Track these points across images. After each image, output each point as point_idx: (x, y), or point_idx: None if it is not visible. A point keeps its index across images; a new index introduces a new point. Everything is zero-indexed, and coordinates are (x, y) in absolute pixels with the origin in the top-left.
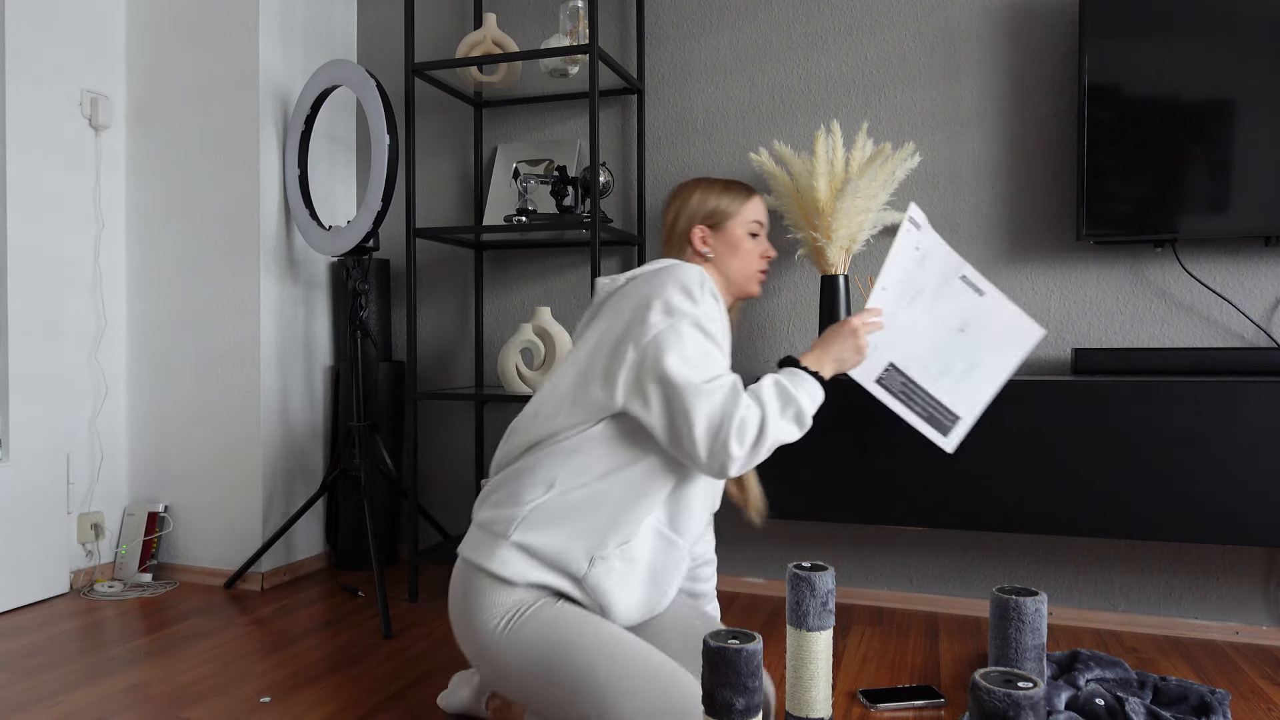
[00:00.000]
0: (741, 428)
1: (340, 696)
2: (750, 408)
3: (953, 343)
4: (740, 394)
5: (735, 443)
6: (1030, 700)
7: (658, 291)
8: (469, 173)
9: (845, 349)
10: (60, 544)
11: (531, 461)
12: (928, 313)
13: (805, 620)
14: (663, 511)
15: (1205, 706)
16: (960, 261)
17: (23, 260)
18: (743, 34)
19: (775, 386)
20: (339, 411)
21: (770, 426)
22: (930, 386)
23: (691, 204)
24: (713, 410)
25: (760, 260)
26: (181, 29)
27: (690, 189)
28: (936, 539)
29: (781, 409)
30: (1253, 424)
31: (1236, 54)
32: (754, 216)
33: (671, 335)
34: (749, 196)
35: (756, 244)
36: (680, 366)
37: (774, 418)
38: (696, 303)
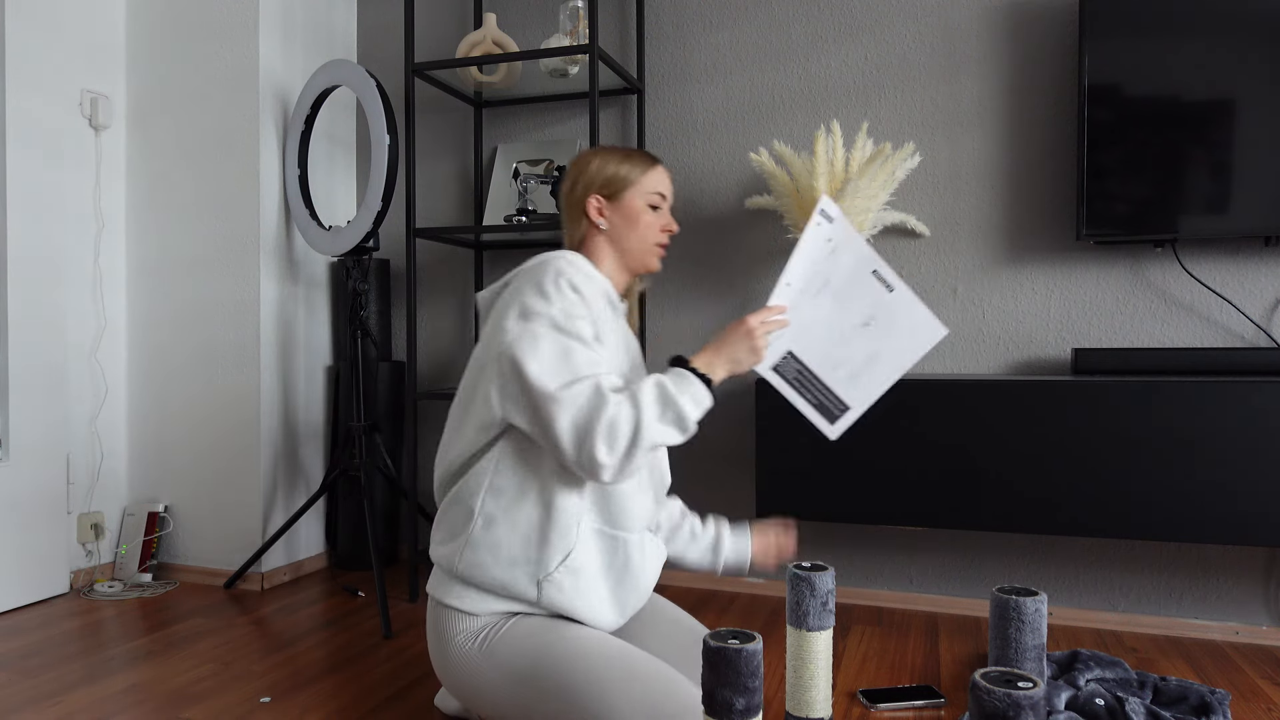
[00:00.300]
0: (610, 433)
1: (340, 696)
2: (622, 410)
3: (855, 335)
4: (605, 396)
5: (603, 450)
6: (1030, 700)
7: (514, 296)
8: (469, 173)
9: (740, 349)
10: (60, 544)
11: (454, 493)
12: (834, 304)
13: (805, 620)
14: (595, 512)
15: (1205, 706)
16: (873, 255)
17: (23, 260)
18: (743, 34)
19: (656, 388)
20: (339, 411)
21: (645, 431)
22: (825, 376)
23: (589, 171)
24: (576, 417)
25: (660, 233)
26: (181, 29)
27: (590, 156)
28: (936, 539)
29: (660, 413)
30: (1252, 424)
31: (1236, 54)
32: (654, 187)
33: (527, 340)
34: (651, 165)
35: (657, 217)
36: (538, 373)
37: (650, 421)
38: (551, 301)
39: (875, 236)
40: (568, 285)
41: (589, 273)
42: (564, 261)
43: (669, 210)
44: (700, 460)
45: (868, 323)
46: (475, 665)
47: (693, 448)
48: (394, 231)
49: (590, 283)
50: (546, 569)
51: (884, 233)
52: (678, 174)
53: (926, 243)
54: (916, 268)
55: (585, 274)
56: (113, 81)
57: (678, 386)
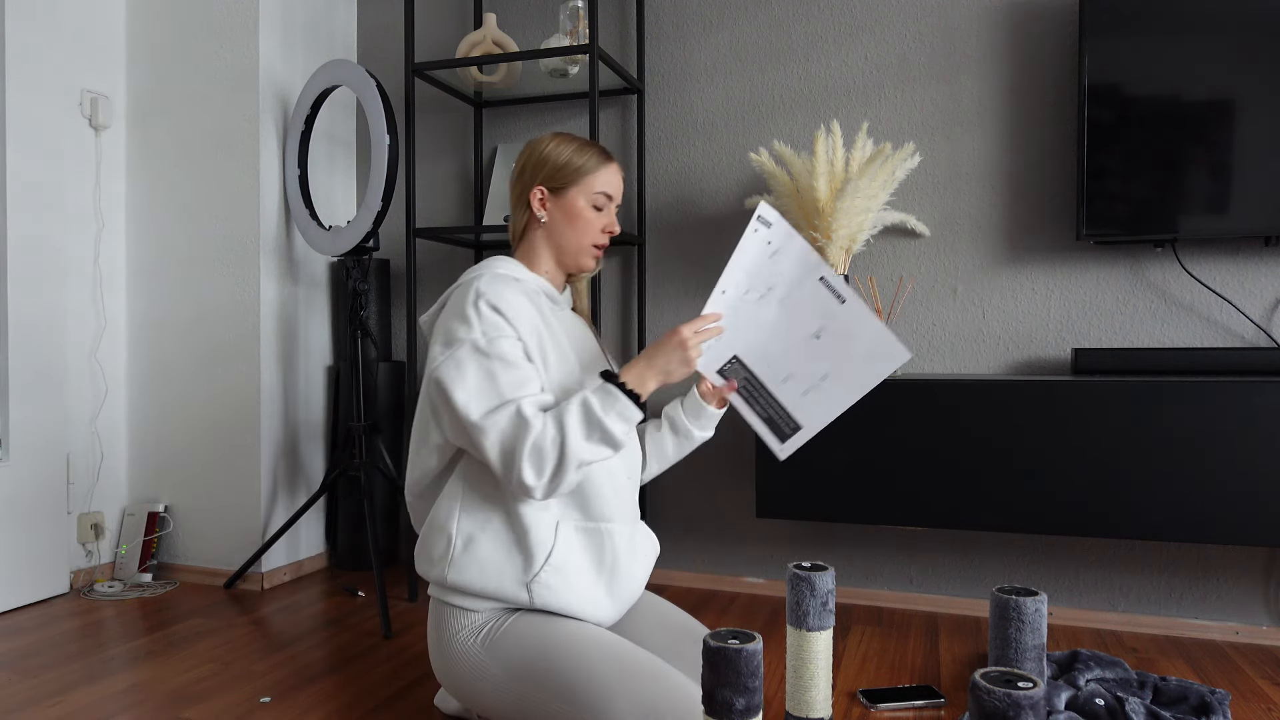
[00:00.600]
0: (536, 457)
1: (340, 696)
2: (546, 433)
3: (806, 348)
4: (528, 421)
5: (530, 474)
6: (1030, 700)
7: (442, 321)
8: (469, 173)
9: (672, 361)
10: (60, 544)
11: (431, 519)
12: (780, 310)
13: (805, 620)
14: (573, 509)
15: (1205, 706)
16: (820, 262)
17: (23, 260)
18: (743, 34)
19: (581, 409)
20: (339, 411)
21: (571, 452)
22: (774, 388)
23: (537, 158)
24: (501, 443)
25: (599, 234)
26: (181, 29)
27: (543, 142)
28: (936, 539)
29: (586, 433)
30: (1253, 424)
31: (1236, 54)
32: (601, 186)
33: (451, 367)
34: (602, 164)
35: (600, 217)
36: (464, 401)
37: (575, 442)
38: (472, 325)
39: (875, 236)
40: (487, 307)
41: (518, 275)
42: (484, 280)
43: (614, 211)
44: (700, 460)
45: (818, 335)
46: (477, 661)
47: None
48: (394, 231)
49: (516, 293)
50: (532, 572)
51: (884, 233)
52: (678, 174)
53: (926, 243)
54: (916, 268)
55: (510, 284)
56: (113, 81)
57: (604, 405)
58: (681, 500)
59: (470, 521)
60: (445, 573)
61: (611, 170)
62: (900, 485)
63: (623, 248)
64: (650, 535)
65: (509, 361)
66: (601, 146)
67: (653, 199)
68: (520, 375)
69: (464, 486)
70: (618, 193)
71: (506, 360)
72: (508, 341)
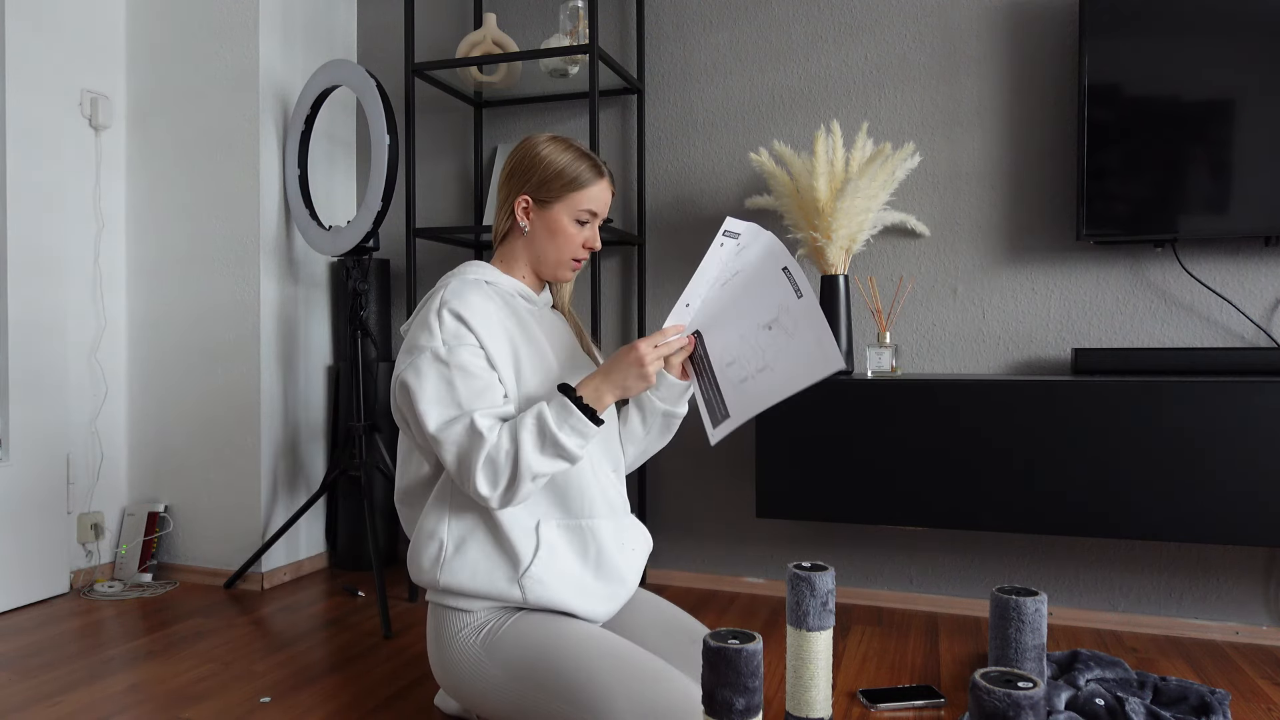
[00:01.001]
0: (490, 468)
1: (340, 696)
2: (501, 446)
3: (756, 337)
4: (481, 435)
5: (485, 485)
6: (1030, 700)
7: (409, 330)
8: (469, 173)
9: (629, 377)
10: (60, 544)
11: (420, 526)
12: (742, 294)
13: (805, 620)
14: (550, 506)
15: (1205, 706)
16: (785, 253)
17: (23, 260)
18: (743, 34)
19: (536, 423)
20: (339, 411)
21: (524, 465)
22: (719, 371)
23: (528, 162)
24: (458, 454)
25: (580, 249)
26: (181, 29)
27: (535, 146)
28: (936, 539)
29: (539, 446)
30: (1253, 424)
31: (1236, 54)
32: (589, 204)
33: (411, 375)
34: (592, 181)
35: (582, 232)
36: (424, 412)
37: (529, 455)
38: (433, 333)
39: (875, 236)
40: (450, 315)
41: (491, 279)
42: (450, 288)
43: (597, 226)
44: (700, 460)
45: (770, 325)
46: (477, 661)
47: (693, 448)
48: (394, 231)
49: (486, 298)
50: (520, 569)
51: (884, 233)
52: (678, 174)
53: (926, 243)
54: (916, 268)
55: (480, 289)
56: (113, 81)
57: (558, 418)
58: (681, 500)
59: (460, 525)
60: (438, 577)
61: (601, 187)
62: (900, 485)
63: (623, 248)
64: (640, 527)
65: (468, 371)
66: (594, 159)
67: (653, 199)
68: (478, 385)
69: (451, 490)
70: (604, 209)
71: (466, 370)
72: (468, 350)
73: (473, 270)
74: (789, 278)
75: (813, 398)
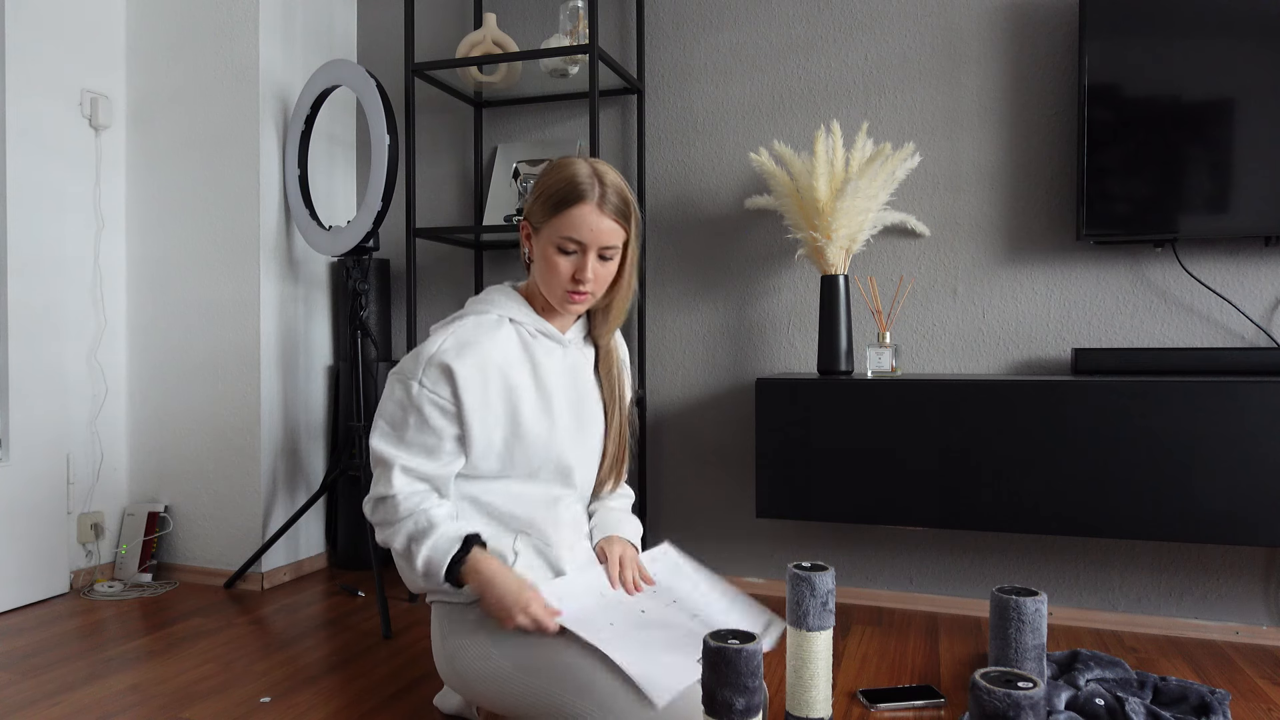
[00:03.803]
0: (379, 513)
1: (340, 696)
2: (399, 507)
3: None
4: (390, 484)
5: (369, 512)
6: (1030, 700)
7: (422, 342)
8: (469, 173)
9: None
10: (60, 544)
11: None
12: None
13: (805, 620)
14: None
15: (1205, 706)
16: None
17: (23, 260)
18: (743, 34)
19: (428, 545)
20: (339, 411)
21: (391, 546)
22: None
23: (535, 182)
24: (374, 476)
25: (569, 281)
26: (181, 29)
27: (550, 169)
28: (936, 539)
29: (406, 550)
30: (1253, 424)
31: (1236, 54)
32: (565, 231)
33: (385, 394)
34: (571, 205)
35: (566, 262)
36: (377, 423)
37: (397, 546)
38: (417, 368)
39: (875, 236)
40: (438, 366)
41: (516, 315)
42: (457, 336)
43: (592, 257)
44: (700, 460)
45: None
46: (484, 653)
47: (693, 448)
48: (394, 231)
49: (493, 345)
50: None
51: (884, 233)
52: (678, 174)
53: (926, 243)
54: (916, 268)
55: (491, 333)
56: (113, 81)
57: (430, 565)
58: (681, 500)
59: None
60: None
61: (584, 211)
62: (900, 485)
63: None
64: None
65: (425, 421)
66: (584, 182)
67: (653, 199)
68: (425, 440)
69: (455, 498)
70: (592, 236)
71: (423, 418)
72: (434, 405)
73: (498, 305)
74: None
75: (813, 398)
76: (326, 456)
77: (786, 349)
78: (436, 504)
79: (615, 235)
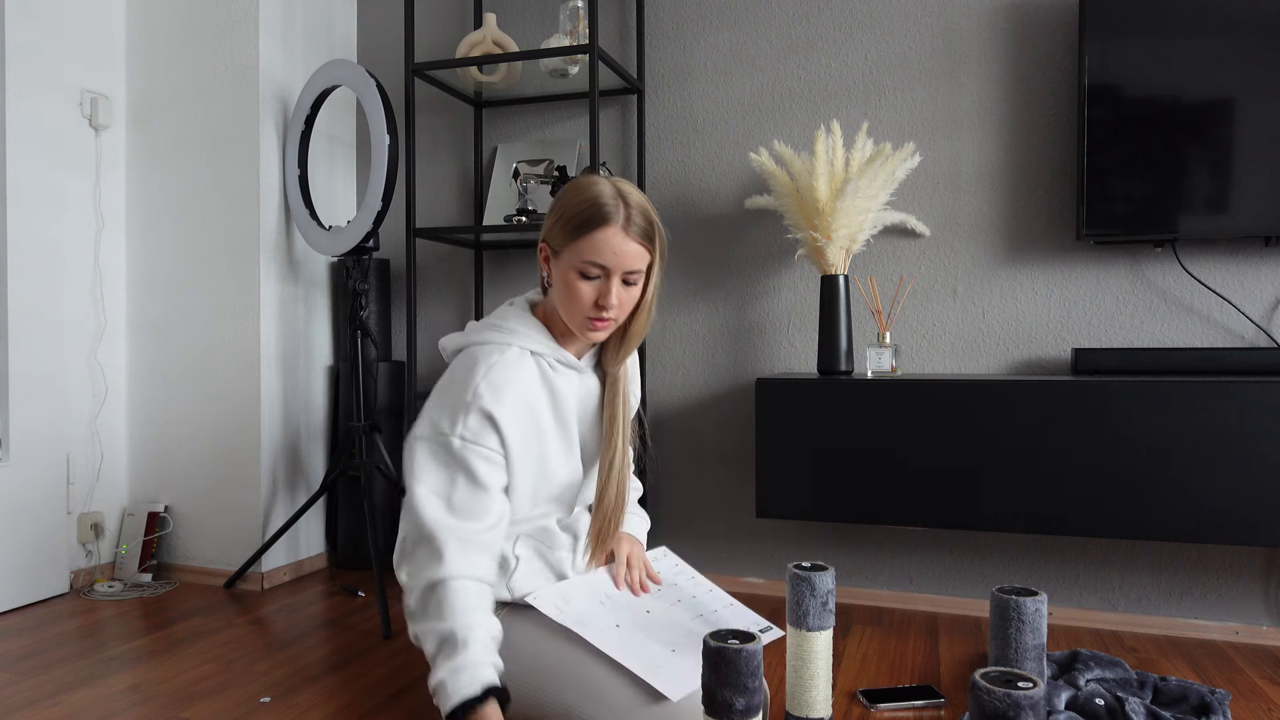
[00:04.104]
0: (415, 575)
1: (340, 696)
2: (422, 575)
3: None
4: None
5: (403, 577)
6: (1030, 700)
7: (440, 390)
8: (469, 173)
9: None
10: (60, 544)
11: None
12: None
13: (805, 620)
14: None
15: (1205, 706)
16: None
17: (23, 260)
18: (743, 34)
19: (449, 668)
20: (339, 411)
21: (423, 637)
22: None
23: (554, 201)
24: (413, 543)
25: (591, 307)
26: (181, 29)
27: (569, 187)
28: (936, 539)
29: (432, 656)
30: (1253, 424)
31: (1236, 54)
32: (588, 255)
33: (423, 454)
34: (598, 225)
35: (589, 287)
36: (423, 496)
37: (429, 646)
38: (456, 422)
39: (875, 236)
40: (478, 413)
41: (537, 347)
42: (489, 379)
43: (616, 282)
44: (700, 460)
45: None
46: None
47: (693, 448)
48: (394, 231)
49: (522, 384)
50: (505, 579)
51: (884, 233)
52: (678, 174)
53: (926, 243)
54: (916, 268)
55: (517, 372)
56: (113, 81)
57: (438, 687)
58: (681, 500)
59: None
60: None
61: (608, 234)
62: (900, 485)
63: None
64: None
65: (473, 479)
66: (608, 204)
67: (652, 199)
68: (476, 502)
69: None
70: (617, 261)
71: (472, 476)
72: (481, 456)
73: (519, 334)
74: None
75: (813, 398)
76: (326, 456)
77: (786, 349)
78: (486, 613)
79: (640, 259)
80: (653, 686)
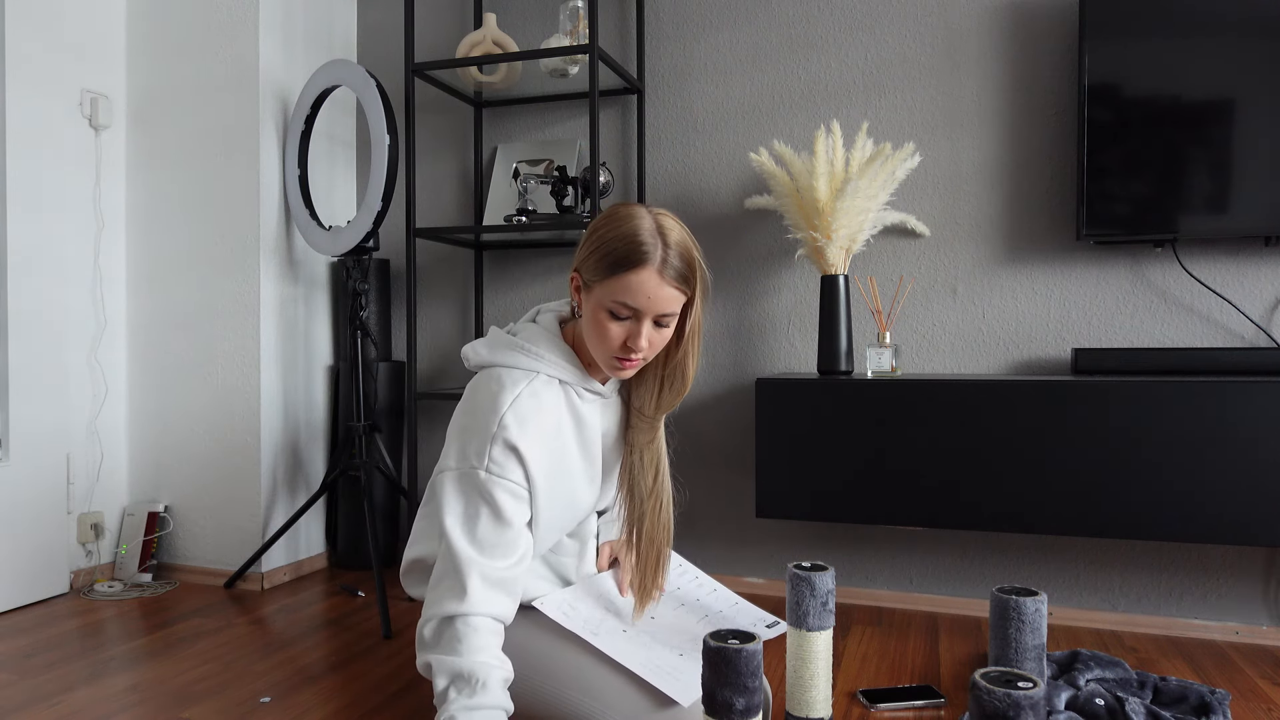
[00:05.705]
0: (435, 610)
1: (340, 696)
2: (442, 607)
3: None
4: (465, 596)
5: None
6: (1030, 700)
7: (463, 415)
8: (469, 173)
9: None
10: (60, 544)
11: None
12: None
13: (805, 620)
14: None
15: (1205, 706)
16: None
17: (23, 260)
18: (743, 34)
19: (460, 705)
20: (339, 411)
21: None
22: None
23: (590, 230)
24: (446, 573)
25: (619, 348)
26: (181, 29)
27: (607, 216)
28: (936, 539)
29: (443, 692)
30: (1253, 424)
31: (1236, 54)
32: (621, 295)
33: (450, 486)
34: (633, 267)
35: (619, 327)
36: (450, 525)
37: (439, 681)
38: (482, 455)
39: (875, 236)
40: (503, 446)
41: (564, 375)
42: (515, 410)
43: (647, 324)
44: (700, 460)
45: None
46: None
47: (692, 448)
48: (394, 231)
49: (549, 415)
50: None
51: (884, 233)
52: (678, 174)
53: (926, 243)
54: (916, 268)
55: (542, 402)
56: (113, 81)
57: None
58: (682, 500)
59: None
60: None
61: (640, 279)
62: (900, 485)
63: None
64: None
65: (498, 515)
66: (646, 242)
67: (653, 199)
68: (501, 537)
69: None
70: (649, 305)
71: (497, 511)
72: (507, 491)
73: (548, 361)
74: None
75: (813, 398)
76: (326, 456)
77: (786, 349)
78: (501, 655)
79: (674, 302)
80: (662, 692)
